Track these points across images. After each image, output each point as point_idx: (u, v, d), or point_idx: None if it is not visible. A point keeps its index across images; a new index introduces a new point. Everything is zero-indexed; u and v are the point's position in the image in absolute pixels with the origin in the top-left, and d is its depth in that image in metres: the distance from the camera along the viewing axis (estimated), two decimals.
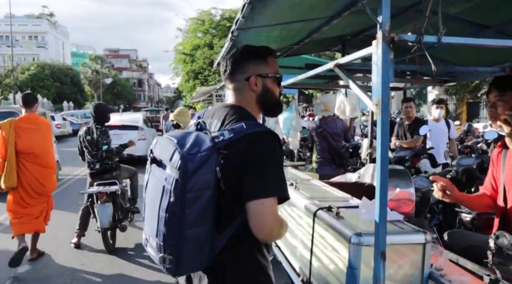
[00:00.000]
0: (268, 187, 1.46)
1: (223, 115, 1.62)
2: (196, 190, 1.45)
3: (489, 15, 2.50)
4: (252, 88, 1.66)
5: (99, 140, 5.23)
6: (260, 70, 1.67)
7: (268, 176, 1.47)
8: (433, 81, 3.00)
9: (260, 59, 1.69)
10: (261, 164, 1.46)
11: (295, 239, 2.41)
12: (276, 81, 1.71)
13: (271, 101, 1.71)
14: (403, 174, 3.04)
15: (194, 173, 1.45)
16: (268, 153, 1.49)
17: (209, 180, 1.46)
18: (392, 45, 1.40)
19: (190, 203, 1.44)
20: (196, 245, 1.47)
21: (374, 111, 1.43)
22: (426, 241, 1.57)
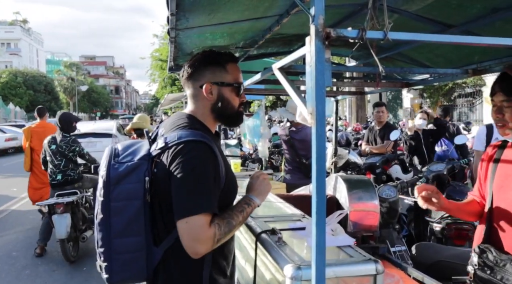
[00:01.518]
0: (191, 204, 1.38)
1: (172, 124, 1.58)
2: (122, 199, 1.44)
3: (453, 13, 2.32)
4: (206, 96, 1.58)
5: (68, 148, 5.27)
6: (216, 78, 1.58)
7: (190, 192, 1.39)
8: (393, 85, 2.81)
9: (218, 65, 1.60)
10: (183, 178, 1.39)
11: (245, 261, 2.17)
12: (235, 90, 1.60)
13: (228, 111, 1.61)
14: (367, 184, 2.85)
15: (119, 182, 1.44)
16: (189, 166, 1.40)
17: (137, 190, 1.44)
18: (327, 42, 1.17)
19: (115, 212, 1.44)
20: (126, 255, 1.46)
21: (308, 121, 1.20)
22: (378, 272, 1.35)
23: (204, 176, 1.41)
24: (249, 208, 1.54)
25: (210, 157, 1.45)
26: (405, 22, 2.46)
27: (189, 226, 1.36)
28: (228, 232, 1.44)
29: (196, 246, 1.36)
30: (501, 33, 2.24)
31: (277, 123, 17.46)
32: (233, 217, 1.46)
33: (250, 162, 7.33)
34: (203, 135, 1.48)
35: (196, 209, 1.37)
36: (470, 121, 14.11)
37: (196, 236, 1.36)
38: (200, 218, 1.36)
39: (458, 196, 4.22)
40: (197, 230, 1.36)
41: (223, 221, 1.43)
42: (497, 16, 2.04)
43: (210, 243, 1.38)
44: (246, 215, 1.52)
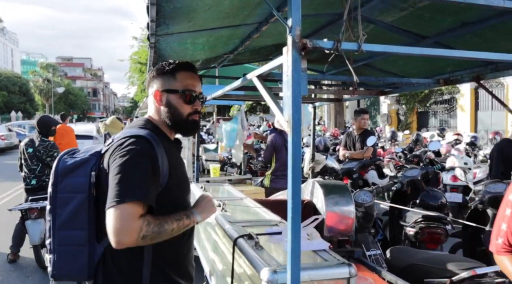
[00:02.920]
0: (121, 192, 1.37)
1: (129, 126, 1.66)
2: (67, 192, 1.51)
3: (426, 25, 2.41)
4: (157, 103, 1.63)
5: (46, 153, 5.09)
6: (165, 85, 1.62)
7: (122, 180, 1.39)
8: (369, 92, 2.89)
9: (166, 74, 1.63)
10: (117, 168, 1.41)
11: (222, 265, 2.18)
12: (182, 97, 1.61)
13: (176, 119, 1.62)
14: (343, 190, 2.90)
15: (66, 175, 1.52)
16: (124, 156, 1.43)
17: (83, 184, 1.50)
18: (304, 52, 1.21)
19: (60, 204, 1.51)
20: (69, 248, 1.50)
21: (285, 129, 1.23)
22: (351, 275, 1.39)
23: (138, 166, 1.42)
24: (187, 220, 1.52)
25: (148, 151, 1.46)
26: (381, 32, 2.53)
27: (116, 214, 1.35)
28: (157, 234, 1.41)
29: (118, 234, 1.34)
30: (471, 45, 2.35)
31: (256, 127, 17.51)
32: (167, 222, 1.45)
33: (229, 167, 7.35)
34: (149, 133, 1.51)
35: (126, 197, 1.36)
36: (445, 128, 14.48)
37: (120, 224, 1.34)
38: (128, 207, 1.36)
39: (432, 201, 4.34)
40: (123, 219, 1.34)
41: (154, 220, 1.41)
42: (467, 29, 2.13)
43: (134, 236, 1.35)
44: (182, 226, 1.50)
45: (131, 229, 1.35)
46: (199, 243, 2.91)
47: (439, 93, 18.40)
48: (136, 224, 1.35)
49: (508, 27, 2.02)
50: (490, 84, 15.48)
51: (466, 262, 2.63)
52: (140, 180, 1.41)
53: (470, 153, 8.94)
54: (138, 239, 1.37)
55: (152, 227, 1.39)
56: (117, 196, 1.37)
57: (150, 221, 1.39)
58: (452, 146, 9.37)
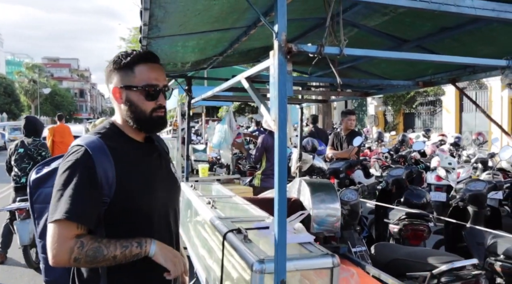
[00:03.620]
0: (54, 210, 1.33)
1: None
2: (41, 202, 1.54)
3: (407, 30, 2.52)
4: (116, 100, 1.52)
5: (37, 151, 5.27)
6: (124, 81, 1.49)
7: (56, 196, 1.35)
8: (353, 94, 2.99)
9: (126, 68, 1.49)
10: (56, 183, 1.38)
11: (213, 260, 2.26)
12: (143, 93, 1.48)
13: (138, 116, 1.49)
14: (329, 188, 3.00)
15: (38, 185, 1.56)
16: (61, 170, 1.39)
17: (51, 194, 1.41)
18: (289, 56, 1.30)
19: (38, 214, 1.56)
20: None
21: (272, 127, 1.32)
22: (334, 265, 1.48)
23: (71, 181, 1.34)
24: (136, 249, 1.38)
25: (84, 162, 1.37)
26: (365, 36, 2.64)
27: (49, 231, 1.32)
28: (93, 258, 1.32)
29: (50, 252, 1.31)
30: (450, 49, 2.46)
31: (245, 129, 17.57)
32: (109, 247, 1.34)
33: (217, 167, 7.41)
34: (94, 141, 1.42)
35: (56, 215, 1.31)
36: (430, 129, 14.74)
37: (51, 242, 1.30)
38: (58, 226, 1.30)
39: (416, 199, 4.46)
40: (54, 237, 1.30)
41: (91, 244, 1.32)
42: (445, 34, 2.24)
43: (65, 257, 1.30)
44: (128, 254, 1.37)
45: (62, 249, 1.30)
46: (189, 240, 2.98)
47: (424, 94, 18.70)
48: (66, 245, 1.30)
49: (483, 32, 2.13)
50: (474, 86, 15.81)
51: (446, 256, 2.74)
52: (72, 197, 1.32)
53: (454, 154, 9.16)
54: (70, 261, 1.31)
55: (86, 250, 1.31)
56: (52, 212, 1.33)
57: (84, 242, 1.31)
58: (437, 146, 9.57)
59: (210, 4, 1.70)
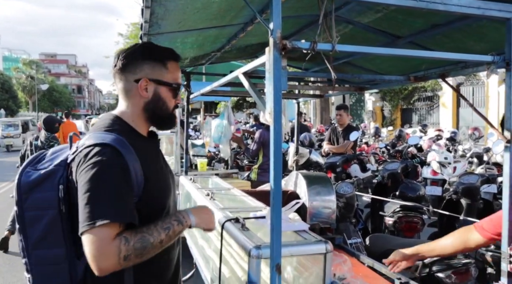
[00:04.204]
0: (91, 215, 1.23)
1: (95, 127, 1.47)
2: (34, 209, 1.35)
3: (400, 26, 2.58)
4: (141, 92, 1.45)
5: (48, 143, 6.14)
6: (155, 74, 1.45)
7: (90, 201, 1.25)
8: (347, 89, 3.07)
9: (158, 61, 1.46)
10: (84, 186, 1.27)
11: (211, 250, 2.34)
12: (172, 91, 1.49)
13: (161, 112, 1.49)
14: (325, 181, 3.07)
15: (31, 190, 1.36)
16: (90, 172, 1.27)
17: (51, 199, 1.34)
18: (284, 52, 1.37)
19: (29, 223, 1.36)
20: (48, 268, 1.36)
21: (268, 120, 1.39)
22: (327, 251, 1.55)
23: (107, 181, 1.28)
24: (178, 227, 1.37)
25: (118, 163, 1.31)
26: (359, 32, 2.71)
27: (89, 240, 1.22)
28: (142, 249, 1.27)
29: (96, 262, 1.22)
30: (441, 45, 2.53)
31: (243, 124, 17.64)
32: (152, 233, 1.30)
33: (216, 162, 7.49)
34: (116, 138, 1.35)
35: (96, 220, 1.22)
36: (427, 124, 14.85)
37: (95, 250, 1.22)
38: (100, 230, 1.22)
39: (411, 192, 4.55)
40: (97, 244, 1.22)
41: (135, 235, 1.27)
42: (437, 30, 2.31)
43: (114, 260, 1.23)
44: (172, 234, 1.35)
45: (109, 253, 1.22)
46: (188, 232, 3.06)
47: (422, 90, 18.79)
48: (112, 246, 1.22)
49: (472, 29, 2.20)
50: (471, 81, 15.90)
51: None
52: (111, 197, 1.27)
53: (450, 148, 9.25)
54: (120, 262, 1.24)
55: (133, 244, 1.26)
56: (87, 219, 1.23)
57: (128, 237, 1.26)
58: (434, 141, 9.66)
59: (209, 2, 1.77)
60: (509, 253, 1.59)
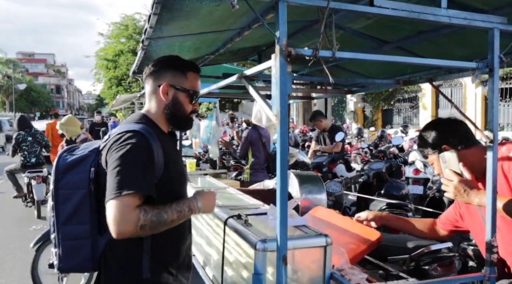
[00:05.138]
0: (118, 185, 1.42)
1: (125, 121, 1.70)
2: (68, 188, 1.56)
3: (389, 32, 2.72)
4: (162, 95, 1.68)
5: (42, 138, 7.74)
6: (175, 81, 1.68)
7: (119, 173, 1.44)
8: (338, 91, 3.20)
9: (179, 71, 1.71)
10: (114, 162, 1.46)
11: (211, 247, 2.42)
12: (189, 96, 1.71)
13: (178, 115, 1.70)
14: (316, 180, 3.19)
15: (66, 172, 1.58)
16: (121, 150, 1.48)
17: (83, 180, 1.55)
18: (289, 58, 1.47)
19: (62, 200, 1.56)
20: (73, 242, 1.56)
21: (274, 122, 1.49)
22: (327, 243, 1.66)
23: (135, 159, 1.47)
24: (188, 213, 1.57)
25: (145, 144, 1.51)
26: (349, 37, 2.83)
27: (114, 206, 1.39)
28: (157, 223, 1.45)
29: (118, 225, 1.38)
30: (427, 50, 2.68)
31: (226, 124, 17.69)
32: (167, 211, 1.48)
33: (202, 163, 7.56)
34: (144, 128, 1.56)
35: (123, 189, 1.40)
36: (408, 124, 15.18)
37: (118, 215, 1.38)
38: (126, 199, 1.40)
39: (395, 191, 4.72)
40: (121, 210, 1.38)
41: (153, 210, 1.44)
42: (423, 37, 2.45)
43: (132, 226, 1.39)
44: (182, 217, 1.55)
45: (129, 219, 1.38)
46: None
47: (402, 91, 19.17)
48: (132, 214, 1.39)
49: (457, 36, 2.35)
50: (449, 83, 16.31)
51: (424, 241, 2.97)
52: (137, 172, 1.45)
53: None
54: (137, 229, 1.40)
55: (151, 216, 1.43)
56: (115, 188, 1.41)
57: (147, 210, 1.43)
58: (414, 142, 9.91)
59: (213, 10, 1.85)
60: (492, 244, 1.72)
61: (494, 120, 1.74)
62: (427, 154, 2.11)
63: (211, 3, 1.75)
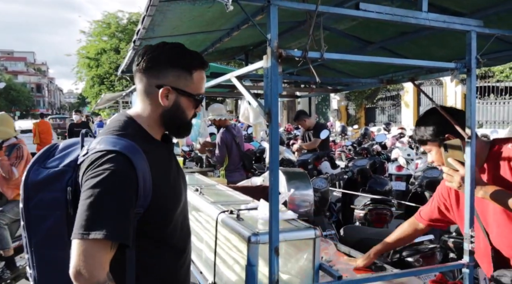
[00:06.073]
0: (88, 224, 1.18)
1: (107, 127, 1.42)
2: (42, 209, 1.32)
3: (373, 33, 2.82)
4: (161, 99, 1.40)
5: None
6: (179, 84, 1.41)
7: (92, 208, 1.20)
8: (324, 90, 3.29)
9: (184, 70, 1.42)
10: (88, 192, 1.21)
11: (201, 242, 2.48)
12: (194, 102, 1.46)
13: (178, 122, 1.46)
14: (303, 176, 3.28)
15: (39, 190, 1.33)
16: (98, 177, 1.22)
17: (59, 200, 1.31)
18: (280, 59, 1.54)
19: (35, 221, 1.33)
20: (50, 266, 1.35)
21: (265, 120, 1.56)
22: (316, 236, 1.74)
23: (112, 191, 1.22)
24: None
25: (126, 172, 1.25)
26: (334, 38, 2.92)
27: (78, 248, 1.17)
28: None
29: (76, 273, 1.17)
30: (409, 51, 2.79)
31: None
32: None
33: (189, 161, 7.60)
34: (128, 145, 1.30)
35: (92, 230, 1.17)
36: (390, 122, 15.45)
37: (80, 261, 1.16)
38: (93, 244, 1.17)
39: (379, 187, 4.85)
40: (85, 258, 1.16)
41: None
42: (405, 37, 2.55)
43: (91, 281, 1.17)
44: None
45: (91, 272, 1.17)
46: None
47: (385, 90, 19.47)
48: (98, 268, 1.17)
49: (437, 37, 2.46)
50: (430, 82, 16.64)
51: None
52: (112, 209, 1.21)
53: (412, 146, 9.73)
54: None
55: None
56: (83, 226, 1.18)
57: None
58: (397, 139, 10.13)
59: (205, 11, 1.91)
60: (470, 234, 1.82)
61: (471, 117, 1.84)
62: (426, 140, 2.02)
63: (204, 5, 1.80)
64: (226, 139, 5.10)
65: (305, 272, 1.77)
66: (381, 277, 1.87)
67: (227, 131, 5.11)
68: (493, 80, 14.62)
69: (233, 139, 5.07)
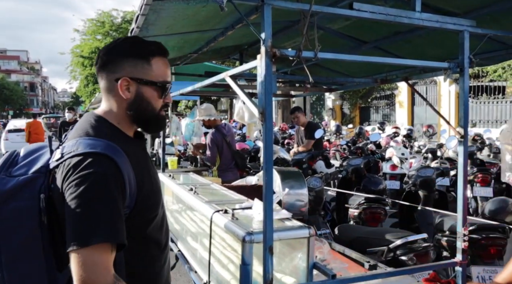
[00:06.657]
0: (87, 231, 1.14)
1: (78, 129, 1.33)
2: (11, 219, 1.23)
3: (367, 33, 2.83)
4: (122, 92, 1.33)
5: None
6: (137, 73, 1.33)
7: (85, 216, 1.15)
8: (318, 89, 3.30)
9: (141, 58, 1.35)
10: (76, 201, 1.16)
11: (196, 242, 2.48)
12: (158, 90, 1.37)
13: (146, 115, 1.38)
14: (297, 175, 3.28)
15: (7, 200, 1.23)
16: (84, 184, 1.17)
17: (30, 209, 1.23)
18: (274, 59, 1.55)
19: (4, 235, 1.23)
20: (26, 281, 1.26)
21: (259, 118, 1.56)
22: (310, 235, 1.75)
23: (102, 196, 1.18)
24: None
25: (113, 174, 1.21)
26: (329, 37, 2.93)
27: (81, 259, 1.12)
28: None
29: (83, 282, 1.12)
30: (403, 50, 2.80)
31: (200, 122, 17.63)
32: None
33: (183, 160, 7.58)
34: (107, 146, 1.25)
35: (90, 238, 1.13)
36: (385, 122, 15.50)
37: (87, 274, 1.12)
38: (95, 252, 1.13)
39: (373, 186, 4.87)
40: (91, 267, 1.13)
41: None
42: (399, 37, 2.57)
43: None
44: None
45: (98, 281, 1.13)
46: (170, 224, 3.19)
47: (379, 89, 19.52)
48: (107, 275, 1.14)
49: (430, 36, 2.47)
50: (424, 81, 16.71)
51: (401, 232, 3.11)
52: (106, 213, 1.17)
53: (406, 145, 9.77)
54: None
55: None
56: (79, 236, 1.13)
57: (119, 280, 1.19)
58: (391, 138, 10.17)
59: (199, 10, 1.91)
60: (463, 233, 1.84)
61: (465, 117, 1.85)
62: None
63: (198, 4, 1.80)
64: (216, 139, 5.07)
65: (299, 271, 1.77)
66: (375, 276, 1.88)
67: (217, 131, 5.08)
68: (486, 80, 14.71)
69: (224, 138, 5.04)
